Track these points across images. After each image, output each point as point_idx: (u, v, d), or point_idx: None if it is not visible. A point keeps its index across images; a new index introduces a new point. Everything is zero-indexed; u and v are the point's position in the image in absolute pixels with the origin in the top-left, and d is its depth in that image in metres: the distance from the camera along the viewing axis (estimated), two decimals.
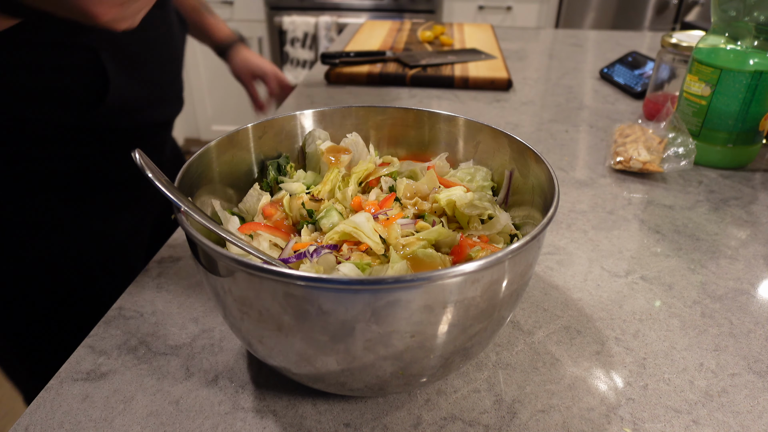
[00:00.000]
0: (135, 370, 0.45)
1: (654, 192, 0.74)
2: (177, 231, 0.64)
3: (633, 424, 0.41)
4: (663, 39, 0.94)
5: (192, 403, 0.42)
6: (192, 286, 0.55)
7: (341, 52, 1.18)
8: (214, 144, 0.46)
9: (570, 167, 0.81)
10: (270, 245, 0.44)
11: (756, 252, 0.62)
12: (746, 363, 0.47)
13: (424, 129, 0.55)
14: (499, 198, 0.51)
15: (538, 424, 0.41)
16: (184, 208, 0.36)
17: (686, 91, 0.82)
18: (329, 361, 0.35)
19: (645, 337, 0.49)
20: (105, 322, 0.50)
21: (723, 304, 0.54)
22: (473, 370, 0.46)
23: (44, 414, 0.41)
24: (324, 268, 0.40)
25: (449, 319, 0.33)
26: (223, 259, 0.32)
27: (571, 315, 0.52)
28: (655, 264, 0.60)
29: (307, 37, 2.76)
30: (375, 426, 0.41)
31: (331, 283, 0.30)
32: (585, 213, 0.69)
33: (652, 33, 1.68)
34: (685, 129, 0.80)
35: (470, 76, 1.13)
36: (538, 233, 0.34)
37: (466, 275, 0.32)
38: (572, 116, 1.00)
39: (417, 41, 1.39)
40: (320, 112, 0.54)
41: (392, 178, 0.53)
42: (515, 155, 0.48)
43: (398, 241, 0.42)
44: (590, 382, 0.45)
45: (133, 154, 0.36)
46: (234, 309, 0.36)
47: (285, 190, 0.50)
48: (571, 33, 1.64)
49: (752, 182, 0.78)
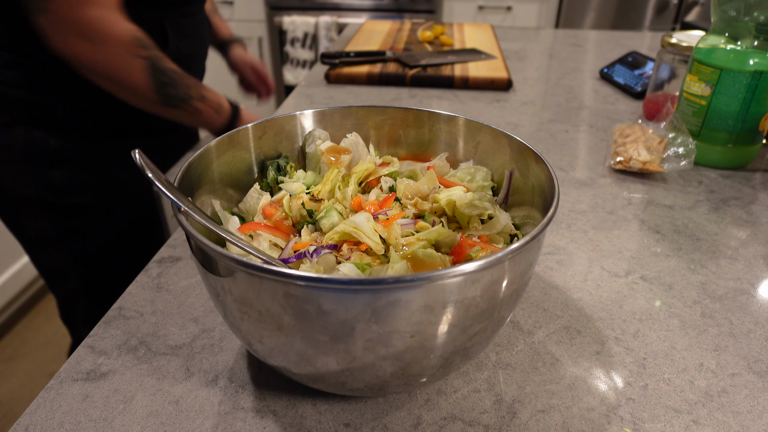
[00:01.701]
0: (135, 370, 0.45)
1: (654, 192, 0.74)
2: (177, 231, 0.64)
3: (633, 424, 0.41)
4: (663, 39, 0.94)
5: (192, 403, 0.42)
6: (192, 286, 0.55)
7: (341, 52, 1.18)
8: (214, 144, 0.46)
9: (570, 167, 0.81)
10: (270, 245, 0.44)
11: (756, 252, 0.62)
12: (746, 363, 0.47)
13: (424, 129, 0.55)
14: (499, 198, 0.51)
15: (538, 424, 0.41)
16: (184, 208, 0.36)
17: (686, 91, 0.82)
18: (329, 361, 0.35)
19: (645, 337, 0.49)
20: (105, 322, 0.50)
21: (723, 304, 0.54)
22: (473, 370, 0.46)
23: (44, 414, 0.41)
24: (324, 268, 0.40)
25: (449, 319, 0.33)
26: (223, 259, 0.32)
27: (571, 315, 0.52)
28: (655, 264, 0.60)
29: (307, 37, 2.76)
30: (375, 426, 0.41)
31: (331, 283, 0.30)
32: (585, 213, 0.69)
33: (652, 33, 1.68)
34: (685, 129, 0.80)
35: (470, 76, 1.13)
36: (538, 233, 0.34)
37: (466, 275, 0.32)
38: (572, 116, 1.00)
39: (417, 41, 1.39)
40: (320, 112, 0.54)
41: (392, 178, 0.53)
42: (515, 155, 0.48)
43: (398, 241, 0.42)
44: (590, 382, 0.45)
45: (133, 153, 0.36)
46: (234, 309, 0.36)
47: (285, 190, 0.50)
48: (571, 33, 1.64)
49: (752, 182, 0.78)
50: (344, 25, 2.65)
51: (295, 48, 2.80)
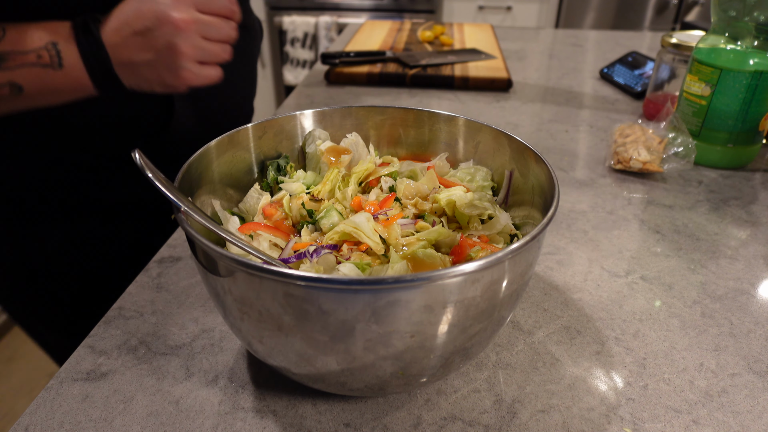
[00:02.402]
0: (135, 370, 0.45)
1: (654, 192, 0.74)
2: (177, 231, 0.64)
3: (633, 424, 0.41)
4: (663, 39, 0.94)
5: (192, 403, 0.42)
6: (192, 286, 0.55)
7: (341, 52, 1.18)
8: (214, 144, 0.46)
9: (570, 167, 0.81)
10: (270, 245, 0.44)
11: (756, 252, 0.62)
12: (746, 363, 0.47)
13: (424, 129, 0.55)
14: (499, 198, 0.51)
15: (538, 424, 0.41)
16: (184, 208, 0.36)
17: (686, 91, 0.82)
18: (329, 361, 0.35)
19: (645, 337, 0.49)
20: (105, 322, 0.50)
21: (723, 304, 0.54)
22: (473, 370, 0.46)
23: (44, 414, 0.41)
24: (324, 268, 0.40)
25: (449, 319, 0.33)
26: (223, 259, 0.32)
27: (571, 315, 0.52)
28: (655, 264, 0.60)
29: (307, 37, 2.76)
30: (375, 426, 0.41)
31: (331, 283, 0.30)
32: (585, 213, 0.69)
33: (652, 33, 1.68)
34: (685, 129, 0.80)
35: (470, 76, 1.13)
36: (538, 233, 0.34)
37: (466, 275, 0.32)
38: (572, 116, 1.00)
39: (417, 41, 1.39)
40: (320, 112, 0.54)
41: (392, 178, 0.53)
42: (515, 155, 0.48)
43: (398, 241, 0.42)
44: (590, 382, 0.45)
45: (133, 153, 0.36)
46: (234, 309, 0.36)
47: (285, 190, 0.50)
48: (571, 33, 1.64)
49: (752, 182, 0.78)
50: (344, 25, 2.65)
51: (295, 48, 2.80)
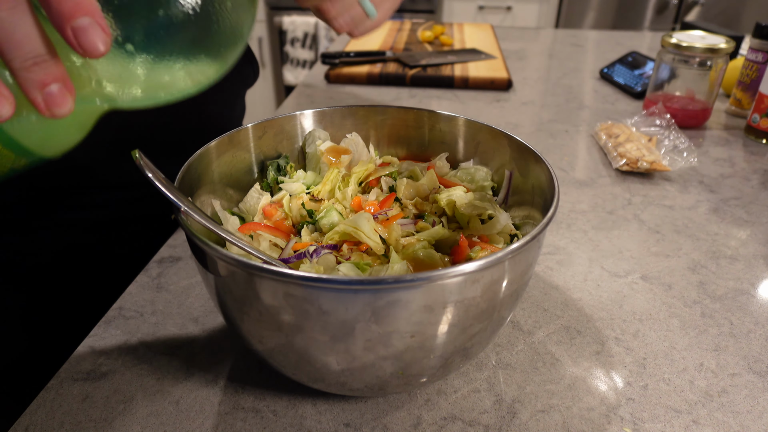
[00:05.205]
0: (135, 370, 0.45)
1: (654, 192, 0.74)
2: (177, 231, 0.64)
3: (633, 424, 0.41)
4: (663, 39, 0.94)
5: (192, 403, 0.42)
6: (192, 286, 0.55)
7: (341, 52, 1.18)
8: (214, 144, 0.46)
9: (570, 167, 0.81)
10: (270, 245, 0.44)
11: (756, 252, 0.62)
12: (746, 363, 0.47)
13: (424, 129, 0.55)
14: (499, 198, 0.51)
15: (538, 424, 0.41)
16: (184, 208, 0.36)
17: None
18: (329, 361, 0.35)
19: (645, 337, 0.49)
20: (105, 322, 0.50)
21: (723, 304, 0.54)
22: (473, 370, 0.46)
23: (44, 414, 0.41)
24: (324, 268, 0.40)
25: (449, 319, 0.33)
26: (223, 259, 0.32)
27: (571, 315, 0.52)
28: (655, 264, 0.60)
29: (307, 37, 2.76)
30: (375, 426, 0.41)
31: (331, 283, 0.30)
32: (585, 213, 0.69)
33: (652, 33, 1.68)
34: (676, 127, 0.81)
35: (470, 76, 1.13)
36: (538, 233, 0.34)
37: (466, 275, 0.32)
38: (572, 116, 1.00)
39: (417, 41, 1.39)
40: (320, 112, 0.54)
41: (392, 178, 0.53)
42: (515, 155, 0.48)
43: (398, 241, 0.42)
44: (590, 382, 0.45)
45: (133, 153, 0.36)
46: (234, 309, 0.36)
47: (285, 190, 0.50)
48: (571, 33, 1.64)
49: (752, 182, 0.78)
50: None
51: (295, 48, 2.80)
